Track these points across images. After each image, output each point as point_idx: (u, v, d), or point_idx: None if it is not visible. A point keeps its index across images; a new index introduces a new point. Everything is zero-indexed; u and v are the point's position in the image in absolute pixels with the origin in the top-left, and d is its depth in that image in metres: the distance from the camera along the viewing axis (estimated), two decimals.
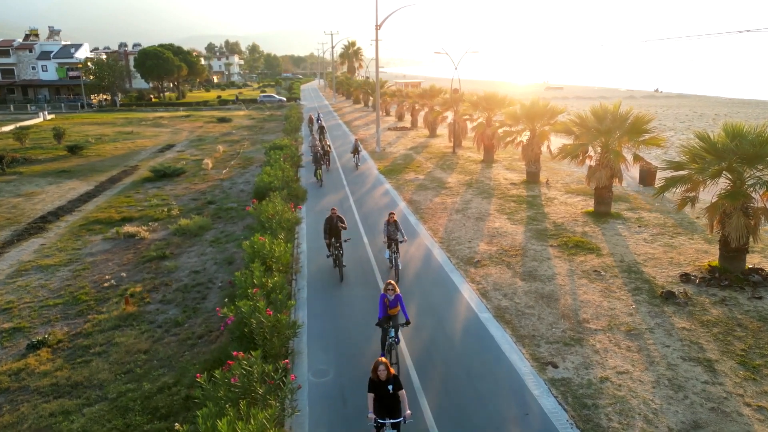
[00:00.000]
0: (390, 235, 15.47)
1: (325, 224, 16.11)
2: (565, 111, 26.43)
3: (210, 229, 21.36)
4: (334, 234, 15.90)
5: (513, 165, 31.98)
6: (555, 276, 15.40)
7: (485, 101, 31.97)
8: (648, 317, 12.87)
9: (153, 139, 48.36)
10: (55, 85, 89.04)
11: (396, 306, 10.90)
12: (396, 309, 10.93)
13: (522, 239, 18.62)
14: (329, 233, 15.99)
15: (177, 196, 27.16)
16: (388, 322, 10.88)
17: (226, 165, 35.29)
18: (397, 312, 10.98)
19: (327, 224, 16.07)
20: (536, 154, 26.41)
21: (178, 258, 18.17)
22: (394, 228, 15.46)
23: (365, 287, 14.95)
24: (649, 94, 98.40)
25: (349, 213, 22.51)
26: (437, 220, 21.25)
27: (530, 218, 21.00)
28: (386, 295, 10.87)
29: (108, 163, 36.90)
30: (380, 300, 10.94)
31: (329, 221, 16.02)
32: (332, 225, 15.94)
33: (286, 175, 25.66)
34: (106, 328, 13.30)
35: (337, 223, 15.91)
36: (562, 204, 22.96)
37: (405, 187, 26.98)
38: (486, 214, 21.86)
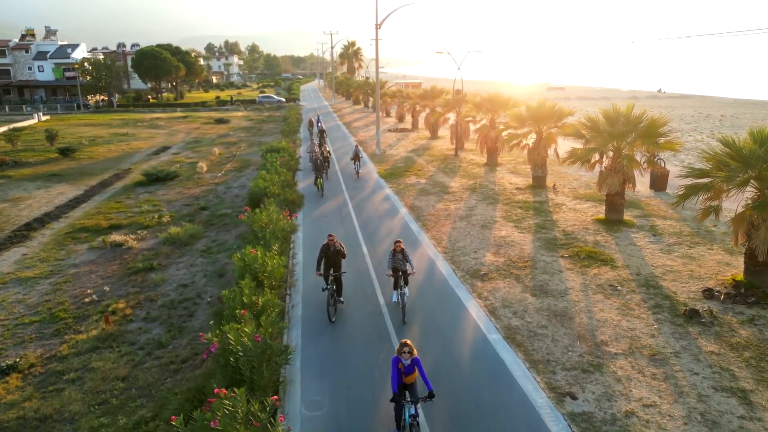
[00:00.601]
0: (397, 266, 13.04)
1: (321, 253, 13.48)
2: (574, 113, 25.40)
3: (201, 237, 20.32)
4: (332, 265, 13.44)
5: (518, 168, 30.94)
6: (568, 291, 14.35)
7: (489, 102, 30.93)
8: (672, 339, 11.82)
9: (148, 141, 47.32)
10: (52, 85, 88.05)
11: (413, 372, 8.62)
12: (413, 376, 8.68)
13: (531, 249, 17.58)
14: (326, 264, 13.44)
15: (169, 201, 26.12)
16: (404, 394, 8.54)
17: (222, 168, 34.26)
18: (414, 379, 8.75)
19: (322, 253, 13.46)
20: (543, 158, 25.37)
21: (166, 270, 17.12)
22: (401, 258, 13.07)
23: (365, 304, 13.91)
24: (652, 95, 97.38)
25: (348, 220, 21.48)
26: (440, 227, 20.21)
27: (538, 226, 19.95)
28: (401, 359, 8.46)
29: (100, 166, 35.86)
30: (393, 366, 8.48)
31: (325, 249, 13.48)
32: (329, 254, 13.43)
33: (282, 180, 24.65)
34: (83, 351, 12.26)
35: (335, 253, 13.47)
36: (571, 210, 21.91)
37: (406, 192, 25.94)
38: (491, 221, 20.82)
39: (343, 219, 21.68)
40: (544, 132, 25.30)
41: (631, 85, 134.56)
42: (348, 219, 21.66)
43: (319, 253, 13.46)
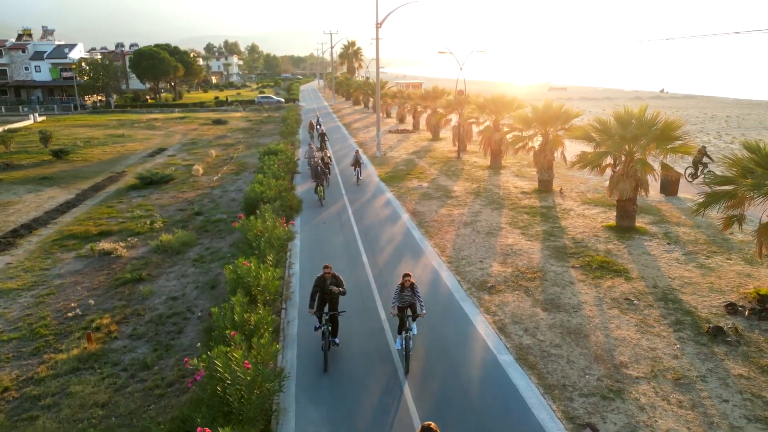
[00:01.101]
0: (405, 303, 11.04)
1: (315, 287, 11.22)
2: (581, 114, 24.53)
3: (194, 245, 19.45)
4: (328, 301, 11.31)
5: (522, 171, 30.07)
6: (581, 305, 13.48)
7: (493, 104, 30.06)
8: (697, 361, 10.95)
9: (144, 143, 46.46)
10: (49, 86, 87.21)
11: None
12: None
13: (539, 258, 16.71)
14: (320, 299, 11.24)
15: (162, 206, 25.25)
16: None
17: (218, 171, 33.39)
18: None
19: (317, 287, 11.21)
20: (549, 161, 24.50)
21: (156, 281, 16.25)
22: (410, 294, 11.01)
23: (365, 319, 13.04)
24: (655, 95, 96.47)
25: (347, 226, 20.61)
26: (444, 235, 19.34)
27: (546, 233, 19.08)
28: None
29: (93, 168, 34.99)
30: None
31: (320, 283, 11.24)
32: (324, 289, 11.22)
33: (279, 184, 23.78)
34: (63, 372, 11.39)
35: (332, 288, 11.27)
36: (580, 216, 21.04)
37: (408, 197, 25.08)
38: (497, 228, 19.94)
39: (342, 225, 20.82)
40: (551, 134, 24.44)
41: (633, 85, 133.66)
42: (348, 225, 20.79)
43: (313, 287, 11.29)
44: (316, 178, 24.45)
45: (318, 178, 24.35)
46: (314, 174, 25.00)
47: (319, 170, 24.51)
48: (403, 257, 17.11)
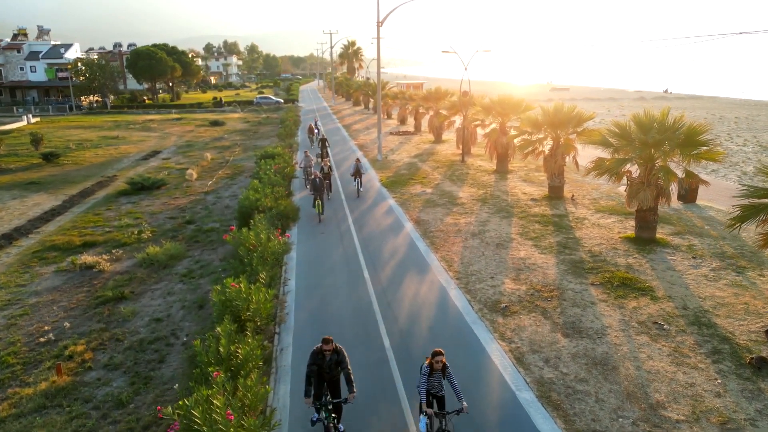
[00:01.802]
0: (435, 391, 8.31)
1: (309, 367, 8.36)
2: (594, 116, 23.25)
3: (184, 257, 18.17)
4: (327, 381, 8.58)
5: (530, 176, 28.78)
6: (606, 330, 12.20)
7: (499, 105, 28.78)
8: (742, 399, 9.68)
9: (138, 145, 45.17)
10: (44, 86, 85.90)
11: None
12: None
13: (555, 274, 15.43)
14: (318, 381, 8.44)
15: (152, 213, 23.96)
16: None
17: (213, 175, 32.11)
18: None
19: (313, 368, 8.36)
20: (560, 167, 23.22)
21: (139, 299, 14.97)
22: (440, 380, 8.26)
23: (367, 348, 11.76)
24: (660, 96, 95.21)
25: (347, 236, 19.34)
26: (450, 247, 18.06)
27: (561, 245, 17.80)
28: None
29: (84, 172, 33.70)
30: None
31: (317, 360, 8.37)
32: (323, 368, 8.40)
33: (275, 191, 22.49)
34: (27, 411, 10.10)
35: (335, 367, 8.46)
36: (595, 226, 19.75)
37: (411, 204, 23.80)
38: (507, 239, 18.66)
39: (342, 236, 19.54)
40: (562, 138, 23.16)
41: (635, 85, 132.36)
42: (348, 235, 19.52)
43: (308, 366, 8.37)
44: (315, 191, 21.89)
45: (317, 190, 21.79)
46: (312, 186, 22.27)
47: (318, 182, 21.82)
48: (408, 273, 15.83)
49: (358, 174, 25.31)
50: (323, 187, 22.19)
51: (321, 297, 14.45)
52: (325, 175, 24.25)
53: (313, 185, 22.15)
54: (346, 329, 12.52)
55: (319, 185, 21.81)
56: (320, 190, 21.76)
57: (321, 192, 21.84)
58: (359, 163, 25.68)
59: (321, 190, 21.84)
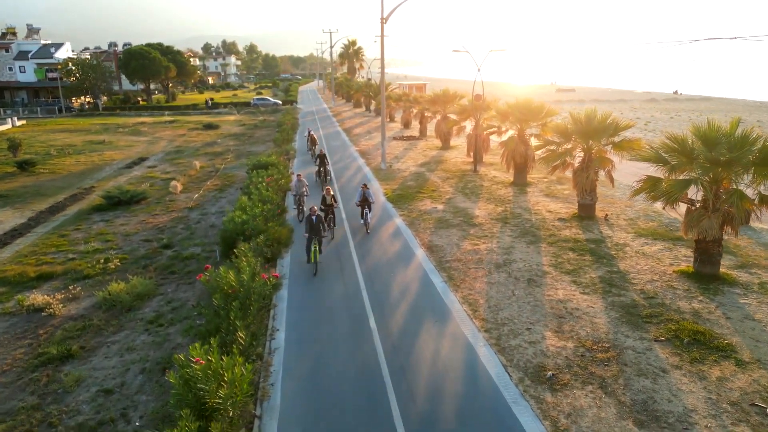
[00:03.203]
0: None
1: None
2: (634, 125, 20.30)
3: (154, 295, 15.22)
4: None
5: (552, 190, 25.83)
6: (690, 416, 9.26)
7: (518, 110, 25.82)
8: None
9: (124, 151, 42.22)
10: (34, 87, 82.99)
11: None
12: None
13: (606, 324, 12.49)
14: None
15: (126, 235, 21.01)
16: None
17: (201, 186, 29.16)
18: None
19: None
20: (592, 183, 20.27)
21: (90, 357, 12.02)
22: None
23: (372, 421, 8.83)
24: (671, 97, 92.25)
25: (349, 268, 16.38)
26: (472, 283, 15.11)
27: (605, 282, 14.86)
28: None
29: (59, 183, 30.76)
30: None
31: None
32: None
33: (266, 210, 19.55)
34: None
35: None
36: (641, 256, 16.78)
37: (421, 224, 20.87)
38: (539, 271, 15.72)
39: (342, 266, 16.59)
40: (594, 150, 20.23)
41: (643, 86, 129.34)
42: (349, 266, 16.56)
43: None
44: (311, 232, 16.15)
45: (314, 232, 16.16)
46: (308, 226, 16.27)
47: (315, 221, 16.25)
48: (424, 321, 12.89)
49: (366, 203, 19.82)
50: (322, 227, 16.89)
51: (316, 357, 11.51)
52: (327, 207, 19.48)
53: (309, 225, 16.30)
54: (348, 412, 9.57)
55: (317, 225, 16.37)
56: (318, 232, 16.46)
57: (319, 234, 16.52)
58: (367, 189, 20.00)
59: (319, 232, 16.54)
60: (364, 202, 19.77)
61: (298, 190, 21.79)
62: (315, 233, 16.24)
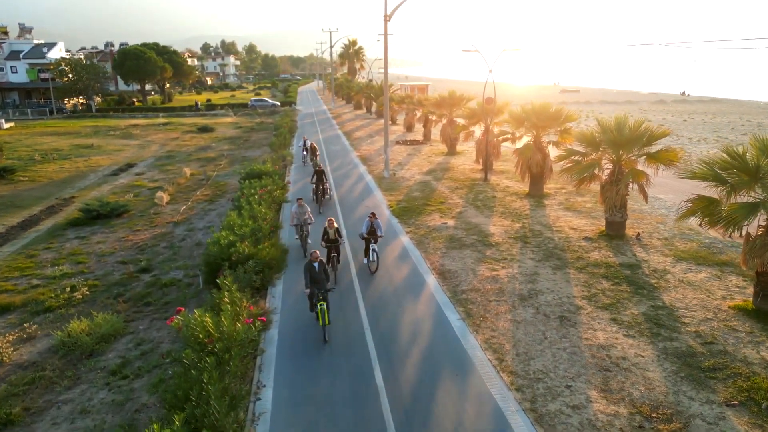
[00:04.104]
0: None
1: None
2: (669, 133, 18.10)
3: (122, 334, 13.04)
4: None
5: (572, 202, 23.64)
6: None
7: (534, 115, 23.62)
8: None
9: (113, 156, 40.03)
10: (26, 88, 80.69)
11: None
12: None
13: (663, 380, 10.31)
14: None
15: (101, 255, 18.83)
16: None
17: (190, 196, 26.98)
18: None
19: None
20: (623, 198, 18.08)
21: (34, 424, 9.83)
22: None
23: None
24: (679, 98, 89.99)
25: (349, 300, 14.19)
26: (494, 321, 12.92)
27: (650, 320, 12.66)
28: None
29: (38, 192, 28.58)
30: None
31: None
32: None
33: (257, 228, 17.37)
34: None
35: None
36: (686, 285, 14.59)
37: (430, 243, 18.68)
38: (571, 306, 13.53)
39: (342, 298, 14.39)
40: (625, 162, 18.05)
41: (650, 87, 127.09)
42: (350, 298, 14.37)
43: None
44: (314, 285, 12.36)
45: (319, 285, 12.35)
46: (310, 276, 12.39)
47: (317, 271, 12.43)
48: (442, 376, 10.69)
49: (374, 236, 15.98)
50: (326, 277, 12.72)
51: (310, 426, 9.32)
52: (330, 244, 15.68)
53: (310, 276, 12.37)
54: None
55: (320, 275, 12.42)
56: (323, 285, 12.39)
57: (324, 286, 12.37)
58: (375, 219, 16.18)
59: (324, 284, 12.42)
60: (372, 234, 15.99)
61: (299, 218, 17.68)
62: (319, 286, 12.33)
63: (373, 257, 15.99)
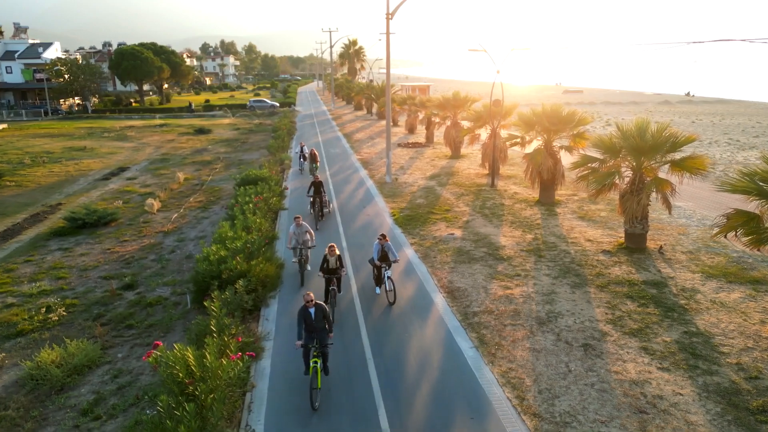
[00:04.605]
0: None
1: None
2: (695, 139, 16.82)
3: (98, 364, 11.77)
4: None
5: (586, 211, 22.36)
6: None
7: (546, 118, 22.35)
8: None
9: (105, 159, 38.75)
10: (21, 88, 79.41)
11: None
12: None
13: (707, 425, 9.04)
14: None
15: (84, 269, 17.55)
16: None
17: (182, 203, 25.71)
18: None
19: None
20: (644, 208, 16.80)
21: None
22: None
23: None
24: (684, 99, 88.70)
25: (350, 322, 12.91)
26: (511, 349, 11.65)
27: (685, 350, 11.38)
28: None
29: (24, 199, 27.30)
30: None
31: None
32: None
33: (251, 242, 16.10)
34: None
35: None
36: (720, 308, 13.31)
37: (437, 256, 17.41)
38: (595, 332, 12.25)
39: (343, 322, 13.10)
40: (646, 169, 16.78)
41: (653, 87, 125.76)
42: (351, 322, 13.09)
43: None
44: (309, 336, 10.01)
45: (316, 335, 10.03)
46: (304, 325, 10.00)
47: (313, 317, 9.97)
48: (455, 421, 9.40)
49: (386, 261, 14.08)
50: (326, 325, 10.10)
51: None
52: (330, 274, 13.30)
53: (304, 323, 9.95)
54: None
55: (317, 323, 9.97)
56: (321, 335, 10.02)
57: (322, 338, 10.02)
58: (386, 241, 14.23)
59: (323, 335, 10.03)
60: (384, 260, 14.10)
61: (298, 239, 15.40)
62: (314, 336, 9.94)
63: (390, 286, 13.84)
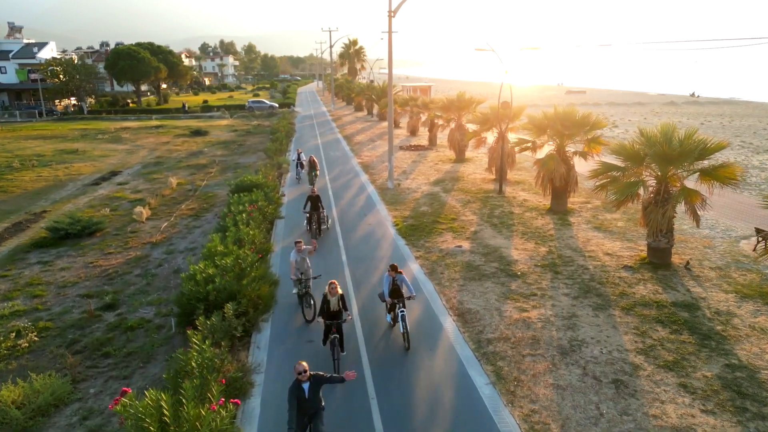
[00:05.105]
0: None
1: None
2: (726, 145, 15.49)
3: (66, 402, 10.44)
4: None
5: (601, 220, 21.03)
6: None
7: (558, 122, 21.02)
8: None
9: (97, 163, 37.41)
10: (16, 89, 78.09)
11: None
12: None
13: None
14: None
15: (62, 286, 16.22)
16: None
17: (174, 210, 24.38)
18: None
19: None
20: (670, 221, 15.48)
21: None
22: None
23: None
24: (690, 100, 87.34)
25: (352, 350, 11.58)
26: (533, 386, 10.32)
27: (729, 387, 10.06)
28: None
29: (8, 206, 25.95)
30: None
31: None
32: None
33: (242, 258, 14.75)
34: None
35: None
36: (760, 333, 11.98)
37: (444, 271, 16.09)
38: (626, 365, 10.91)
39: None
40: (671, 178, 15.45)
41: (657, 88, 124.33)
42: (353, 353, 11.75)
43: None
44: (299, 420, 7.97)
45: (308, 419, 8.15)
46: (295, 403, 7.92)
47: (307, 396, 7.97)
48: None
49: (399, 297, 12.01)
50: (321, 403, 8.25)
51: None
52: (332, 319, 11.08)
53: (297, 401, 7.91)
54: None
55: (311, 405, 8.05)
56: (315, 415, 8.17)
57: (317, 421, 8.15)
58: (398, 273, 12.16)
59: (317, 416, 8.18)
60: (396, 295, 11.98)
61: (299, 268, 13.67)
62: (307, 420, 8.12)
63: (403, 328, 11.57)
